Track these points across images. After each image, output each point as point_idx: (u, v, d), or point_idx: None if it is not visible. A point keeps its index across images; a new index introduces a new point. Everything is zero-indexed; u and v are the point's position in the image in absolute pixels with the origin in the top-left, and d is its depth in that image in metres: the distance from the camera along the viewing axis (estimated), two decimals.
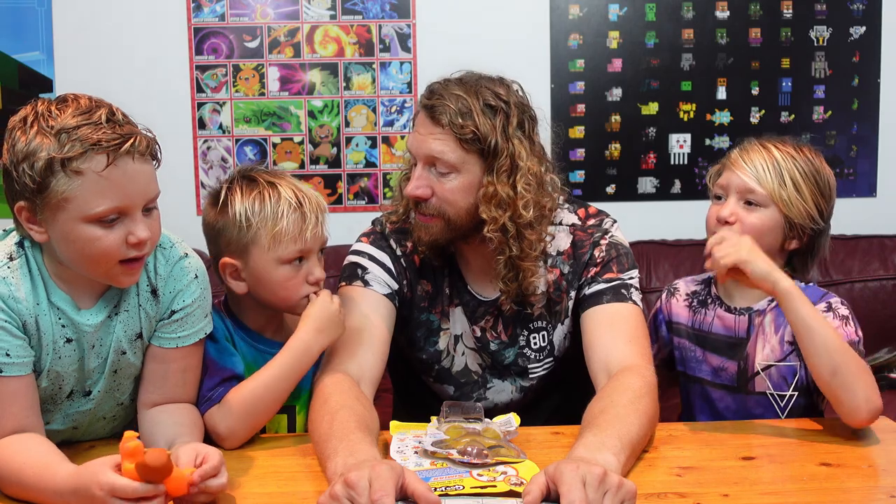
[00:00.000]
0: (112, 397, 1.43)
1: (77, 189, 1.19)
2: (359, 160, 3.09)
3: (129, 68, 2.98)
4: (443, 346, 1.68)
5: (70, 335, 1.32)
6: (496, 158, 1.51)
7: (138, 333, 1.39)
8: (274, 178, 1.54)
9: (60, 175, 1.19)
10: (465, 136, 1.49)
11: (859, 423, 1.41)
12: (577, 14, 3.07)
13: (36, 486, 1.19)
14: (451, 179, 1.52)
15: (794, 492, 1.21)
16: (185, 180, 3.05)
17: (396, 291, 1.63)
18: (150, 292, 1.39)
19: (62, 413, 1.39)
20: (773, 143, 1.66)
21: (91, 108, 1.22)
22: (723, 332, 1.65)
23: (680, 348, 1.72)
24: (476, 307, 1.65)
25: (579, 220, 1.66)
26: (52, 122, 1.20)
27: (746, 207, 1.60)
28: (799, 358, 1.57)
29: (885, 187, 3.15)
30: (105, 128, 1.20)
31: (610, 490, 1.06)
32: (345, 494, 1.05)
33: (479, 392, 1.70)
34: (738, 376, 1.63)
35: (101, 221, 1.22)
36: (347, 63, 3.05)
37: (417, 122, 1.56)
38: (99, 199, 1.20)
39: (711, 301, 1.69)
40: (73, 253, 1.25)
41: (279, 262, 1.49)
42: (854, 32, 3.11)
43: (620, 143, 3.13)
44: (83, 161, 1.18)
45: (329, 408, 1.33)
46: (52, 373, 1.33)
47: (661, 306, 1.76)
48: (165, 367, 1.41)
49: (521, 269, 1.55)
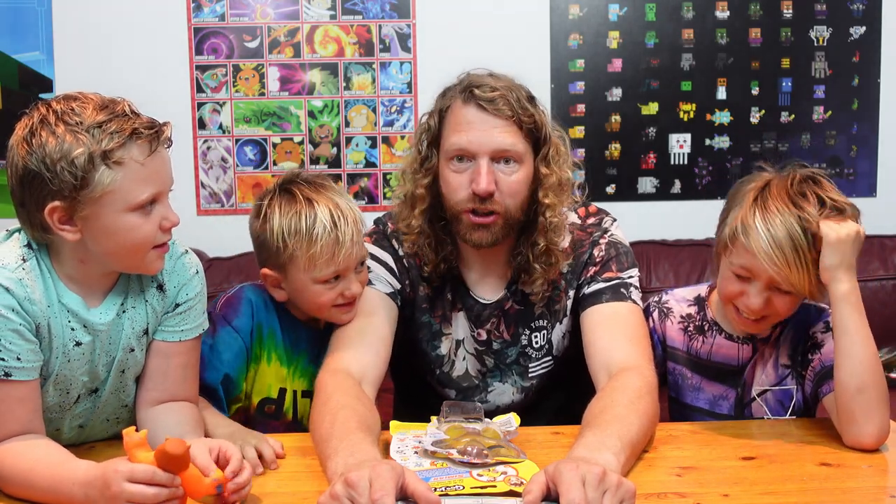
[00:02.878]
0: (117, 398, 1.42)
1: (120, 180, 1.22)
2: (359, 160, 3.09)
3: (129, 68, 2.98)
4: (444, 351, 1.68)
5: (80, 338, 1.32)
6: (548, 147, 1.55)
7: (144, 329, 1.40)
8: (313, 192, 1.56)
9: (102, 168, 1.21)
10: (529, 125, 1.51)
11: (863, 446, 1.37)
12: (577, 14, 3.07)
13: (50, 483, 1.18)
14: (516, 171, 1.52)
15: (794, 492, 1.21)
16: (185, 180, 3.05)
17: (399, 291, 1.63)
18: (156, 287, 1.40)
19: (70, 416, 1.39)
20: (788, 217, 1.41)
21: (105, 103, 1.26)
22: (723, 361, 1.60)
23: (674, 374, 1.66)
24: (481, 311, 1.65)
25: (579, 220, 1.66)
26: (79, 119, 1.22)
27: (779, 293, 1.46)
28: (795, 381, 1.56)
29: (885, 187, 3.15)
30: (133, 118, 1.25)
31: (609, 489, 1.06)
32: (345, 494, 1.05)
33: (481, 396, 1.70)
34: (736, 405, 1.60)
35: (142, 209, 1.25)
36: (347, 63, 3.05)
37: (465, 117, 1.52)
38: (141, 186, 1.24)
39: (709, 327, 1.62)
40: (113, 245, 1.27)
41: (315, 281, 1.54)
42: (854, 32, 3.11)
43: (620, 143, 3.13)
44: (123, 151, 1.22)
45: (330, 407, 1.33)
46: (59, 378, 1.32)
47: (655, 326, 1.67)
48: (167, 362, 1.42)
49: (552, 253, 1.57)
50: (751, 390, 1.59)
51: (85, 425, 1.43)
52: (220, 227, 3.02)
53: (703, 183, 3.14)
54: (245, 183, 3.08)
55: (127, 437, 1.10)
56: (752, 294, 1.46)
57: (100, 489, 1.10)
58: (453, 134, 1.52)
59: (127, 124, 1.23)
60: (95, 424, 1.44)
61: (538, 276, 1.58)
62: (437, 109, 1.58)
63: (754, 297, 1.45)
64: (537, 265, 1.57)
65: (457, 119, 1.53)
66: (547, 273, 1.58)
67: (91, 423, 1.43)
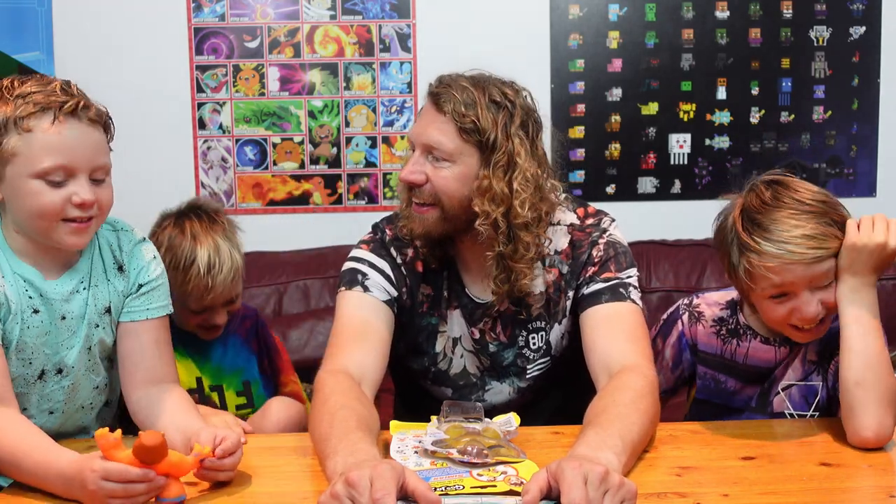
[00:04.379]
0: (89, 379, 1.47)
1: (25, 146, 1.30)
2: (359, 160, 3.10)
3: (129, 68, 2.99)
4: (440, 349, 1.68)
5: (37, 305, 1.39)
6: (493, 153, 1.52)
7: (107, 307, 1.46)
8: (202, 230, 1.74)
9: (13, 132, 1.30)
10: (466, 126, 1.51)
11: (863, 441, 1.36)
12: (577, 14, 3.07)
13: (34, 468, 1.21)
14: (445, 168, 1.53)
15: (794, 492, 1.21)
16: (185, 180, 3.05)
17: (395, 298, 1.63)
18: (117, 268, 1.48)
19: (37, 395, 1.42)
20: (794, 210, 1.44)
21: (50, 81, 1.35)
22: (760, 364, 1.59)
23: (706, 378, 1.64)
24: (474, 310, 1.65)
25: (578, 220, 1.66)
26: (15, 90, 1.32)
27: (821, 290, 1.44)
28: (821, 377, 1.55)
29: (885, 187, 3.15)
30: (57, 94, 1.32)
31: (611, 489, 1.06)
32: (346, 494, 1.05)
33: (478, 394, 1.70)
34: (760, 396, 1.60)
35: (47, 180, 1.31)
36: (347, 63, 3.05)
37: (422, 110, 1.58)
38: (44, 155, 1.30)
39: (743, 331, 1.60)
40: (21, 209, 1.34)
41: (186, 308, 1.75)
42: (854, 32, 3.11)
43: (620, 143, 3.13)
44: (32, 119, 1.30)
45: (329, 407, 1.33)
46: (20, 345, 1.38)
47: (685, 330, 1.65)
48: (139, 340, 1.48)
49: (513, 269, 1.55)
50: (777, 385, 1.59)
51: (55, 411, 1.45)
52: None
53: (703, 183, 3.15)
54: (245, 183, 3.08)
55: (103, 439, 1.12)
56: (802, 305, 1.44)
57: (79, 485, 1.14)
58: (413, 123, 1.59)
59: (47, 98, 1.31)
60: (69, 413, 1.47)
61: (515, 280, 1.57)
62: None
63: (806, 306, 1.43)
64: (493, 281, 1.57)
65: (421, 110, 1.58)
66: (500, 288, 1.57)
67: (64, 410, 1.46)
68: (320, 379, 1.46)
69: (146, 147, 2.99)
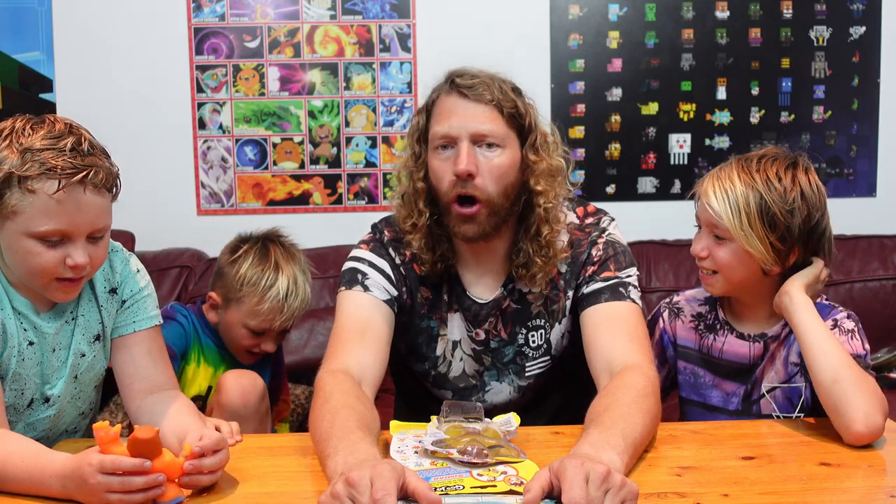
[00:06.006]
0: (74, 406, 1.48)
1: (27, 206, 1.28)
2: (359, 160, 3.10)
3: (130, 68, 2.99)
4: (440, 352, 1.68)
5: (32, 338, 1.40)
6: (530, 135, 1.57)
7: (96, 335, 1.47)
8: (284, 259, 1.86)
9: (16, 189, 1.28)
10: (510, 111, 1.53)
11: (854, 436, 1.36)
12: (577, 14, 3.07)
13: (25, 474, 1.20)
14: (497, 155, 1.54)
15: (794, 492, 1.21)
16: (185, 180, 3.05)
17: (395, 298, 1.62)
18: (108, 292, 1.49)
19: (23, 424, 1.43)
20: (745, 166, 1.54)
21: (61, 135, 1.30)
22: (735, 360, 1.61)
23: (686, 373, 1.67)
24: (478, 311, 1.65)
25: (577, 219, 1.66)
26: (23, 140, 1.29)
27: (717, 241, 1.55)
28: (804, 379, 1.56)
29: (885, 187, 3.15)
30: (66, 156, 1.28)
31: (612, 489, 1.06)
32: (346, 493, 1.05)
33: (478, 395, 1.70)
34: (744, 399, 1.61)
35: (43, 240, 1.30)
36: (347, 63, 3.05)
37: (446, 106, 1.55)
38: (44, 219, 1.29)
39: (720, 326, 1.64)
40: (15, 260, 1.35)
41: (244, 326, 1.85)
42: (854, 32, 3.11)
43: (620, 143, 3.13)
44: (37, 182, 1.27)
45: (330, 407, 1.33)
46: (14, 376, 1.39)
47: (665, 327, 1.70)
48: (130, 353, 1.50)
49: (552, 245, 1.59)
50: (760, 387, 1.59)
51: (40, 438, 1.44)
52: (220, 227, 3.01)
53: None
54: (245, 183, 3.08)
55: (101, 431, 1.12)
56: (697, 241, 1.58)
57: (77, 482, 1.14)
58: (437, 124, 1.56)
59: (56, 159, 1.27)
60: (53, 437, 1.48)
61: (538, 271, 1.58)
62: (425, 106, 1.62)
63: (695, 242, 1.58)
64: (538, 259, 1.57)
65: (440, 109, 1.56)
66: (546, 267, 1.59)
67: (48, 436, 1.47)
68: (321, 378, 1.46)
69: (146, 147, 2.99)
